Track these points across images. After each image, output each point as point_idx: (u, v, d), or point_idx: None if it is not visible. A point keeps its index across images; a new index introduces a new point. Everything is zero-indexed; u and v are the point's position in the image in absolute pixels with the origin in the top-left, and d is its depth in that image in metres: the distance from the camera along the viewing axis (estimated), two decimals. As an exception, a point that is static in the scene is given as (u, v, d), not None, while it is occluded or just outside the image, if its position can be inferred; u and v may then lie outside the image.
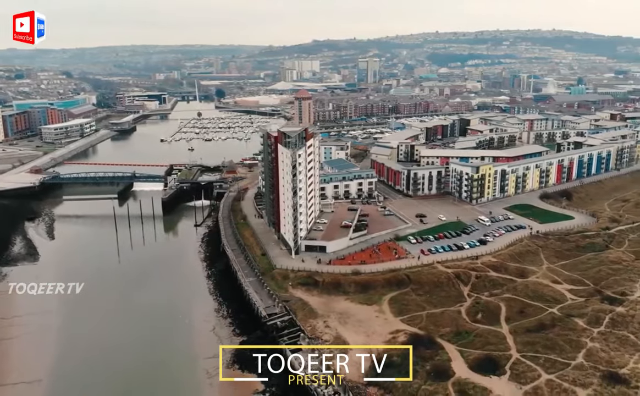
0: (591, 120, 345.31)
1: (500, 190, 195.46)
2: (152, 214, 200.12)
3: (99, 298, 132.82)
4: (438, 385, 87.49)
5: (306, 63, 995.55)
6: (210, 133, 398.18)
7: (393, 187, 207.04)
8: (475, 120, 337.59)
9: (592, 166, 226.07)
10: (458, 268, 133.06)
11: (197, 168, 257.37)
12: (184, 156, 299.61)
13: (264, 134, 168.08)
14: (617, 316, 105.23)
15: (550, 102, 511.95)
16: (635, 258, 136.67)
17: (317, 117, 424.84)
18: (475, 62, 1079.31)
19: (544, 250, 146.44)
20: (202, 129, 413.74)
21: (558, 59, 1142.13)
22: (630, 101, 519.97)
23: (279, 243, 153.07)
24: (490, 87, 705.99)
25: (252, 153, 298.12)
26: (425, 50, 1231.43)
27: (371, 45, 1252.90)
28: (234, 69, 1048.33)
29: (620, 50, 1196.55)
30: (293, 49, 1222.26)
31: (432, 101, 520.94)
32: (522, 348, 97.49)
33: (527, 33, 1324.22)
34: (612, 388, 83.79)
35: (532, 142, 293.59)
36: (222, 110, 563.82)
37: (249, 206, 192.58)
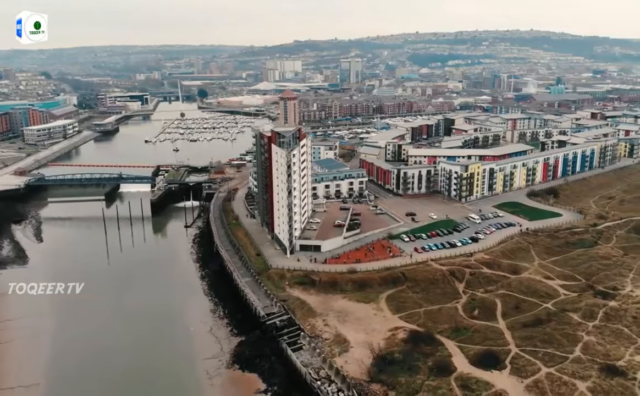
0: (573, 119, 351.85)
1: (489, 188, 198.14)
2: (140, 215, 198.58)
3: (93, 300, 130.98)
4: (441, 380, 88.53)
5: (288, 63, 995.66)
6: (195, 134, 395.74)
7: (383, 186, 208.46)
8: (459, 120, 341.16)
9: (577, 164, 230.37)
10: (452, 265, 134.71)
11: (184, 169, 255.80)
12: (169, 157, 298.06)
13: (256, 134, 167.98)
14: (610, 310, 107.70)
15: (531, 102, 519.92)
16: (624, 253, 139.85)
17: (303, 117, 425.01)
18: (455, 63, 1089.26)
19: (535, 247, 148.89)
20: (187, 130, 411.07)
21: (536, 59, 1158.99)
22: (609, 100, 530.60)
23: (273, 242, 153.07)
24: (471, 87, 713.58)
25: (239, 153, 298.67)
26: (406, 51, 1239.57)
27: (352, 45, 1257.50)
28: (216, 69, 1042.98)
29: (597, 50, 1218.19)
30: (274, 49, 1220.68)
31: (415, 101, 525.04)
32: (521, 342, 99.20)
33: (506, 33, 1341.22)
34: (610, 380, 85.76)
35: (516, 141, 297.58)
36: (205, 110, 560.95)
37: (240, 206, 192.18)
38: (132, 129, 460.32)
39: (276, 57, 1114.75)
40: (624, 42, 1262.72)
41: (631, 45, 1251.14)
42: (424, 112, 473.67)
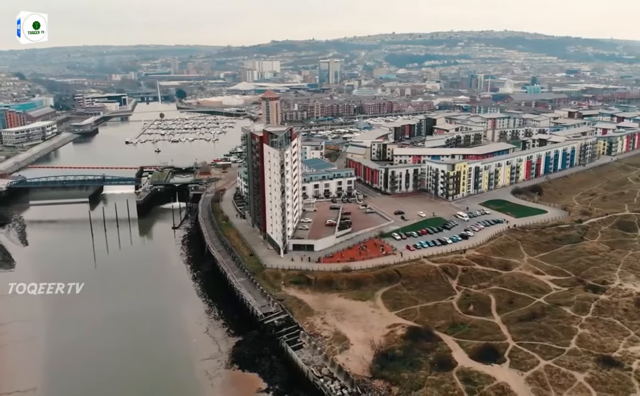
0: (551, 118, 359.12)
1: (475, 186, 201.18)
2: (126, 217, 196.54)
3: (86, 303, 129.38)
4: (443, 374, 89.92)
5: (266, 64, 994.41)
6: (176, 134, 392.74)
7: (370, 185, 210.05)
8: (441, 119, 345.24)
9: (558, 162, 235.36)
10: (444, 262, 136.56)
11: (168, 170, 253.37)
12: (151, 158, 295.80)
13: (246, 134, 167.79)
14: (601, 304, 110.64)
15: (508, 101, 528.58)
16: (610, 248, 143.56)
17: (285, 117, 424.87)
18: (432, 63, 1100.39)
19: (523, 243, 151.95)
20: (168, 131, 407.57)
21: (511, 59, 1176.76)
22: (584, 99, 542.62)
23: (265, 242, 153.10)
24: (449, 87, 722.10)
25: (223, 154, 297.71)
26: (383, 51, 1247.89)
27: (330, 46, 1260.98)
28: (193, 69, 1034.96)
29: (569, 50, 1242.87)
30: (252, 49, 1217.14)
31: (396, 101, 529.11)
32: (518, 336, 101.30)
33: (481, 34, 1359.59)
34: (607, 371, 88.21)
35: (497, 140, 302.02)
36: (184, 111, 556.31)
37: (229, 206, 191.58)
38: (111, 130, 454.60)
39: (254, 57, 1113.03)
40: (596, 43, 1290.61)
41: (602, 45, 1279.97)
42: (404, 112, 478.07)
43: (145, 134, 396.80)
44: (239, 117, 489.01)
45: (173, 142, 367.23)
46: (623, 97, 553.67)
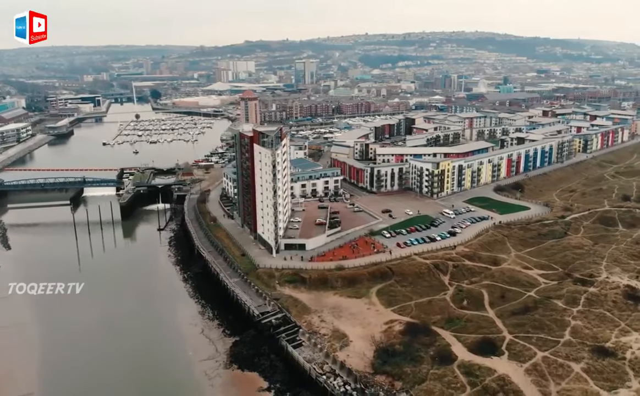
0: (526, 117, 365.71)
1: (458, 184, 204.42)
2: (110, 219, 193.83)
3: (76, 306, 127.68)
4: (445, 368, 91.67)
5: (241, 64, 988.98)
6: (153, 135, 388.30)
7: (356, 184, 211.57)
8: (419, 119, 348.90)
9: (537, 159, 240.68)
10: (435, 258, 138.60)
11: (149, 171, 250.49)
12: (129, 159, 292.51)
13: (235, 134, 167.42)
14: (591, 296, 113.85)
15: (483, 101, 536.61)
16: (594, 243, 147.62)
17: (263, 118, 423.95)
18: (405, 64, 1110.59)
19: (510, 239, 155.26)
20: (145, 131, 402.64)
21: (482, 59, 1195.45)
22: (556, 98, 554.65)
23: (256, 242, 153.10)
24: (423, 88, 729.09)
25: (204, 154, 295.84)
26: (357, 52, 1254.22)
27: (304, 46, 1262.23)
28: (166, 69, 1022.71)
29: (539, 50, 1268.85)
30: (225, 49, 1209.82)
31: (373, 101, 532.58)
32: (513, 329, 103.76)
33: (452, 35, 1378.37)
34: (602, 360, 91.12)
35: (475, 139, 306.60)
36: (160, 111, 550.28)
37: (216, 207, 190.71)
38: (86, 131, 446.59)
39: (227, 57, 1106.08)
40: (564, 43, 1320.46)
41: (570, 45, 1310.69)
42: (381, 112, 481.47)
43: (122, 135, 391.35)
44: (216, 118, 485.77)
45: (151, 143, 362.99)
46: (593, 96, 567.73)
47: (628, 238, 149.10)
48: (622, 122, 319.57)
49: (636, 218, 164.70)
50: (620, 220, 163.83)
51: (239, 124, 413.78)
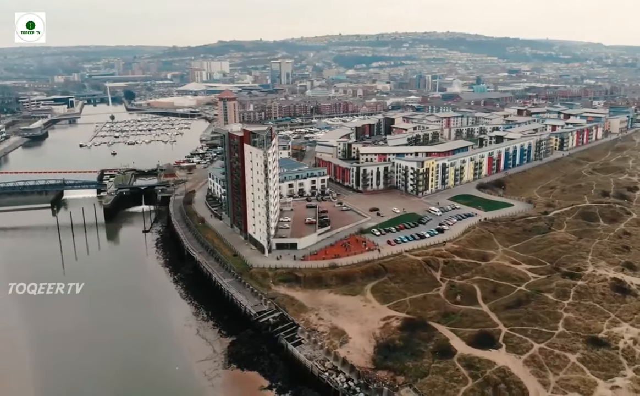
0: (502, 116, 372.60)
1: (442, 182, 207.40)
2: (92, 222, 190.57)
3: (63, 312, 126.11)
4: (446, 362, 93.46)
5: (215, 64, 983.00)
6: (131, 136, 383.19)
7: (341, 183, 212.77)
8: (399, 119, 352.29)
9: (517, 157, 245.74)
10: (426, 255, 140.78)
11: (131, 173, 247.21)
12: (107, 161, 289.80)
13: (223, 134, 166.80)
14: (580, 289, 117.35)
15: (458, 101, 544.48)
16: (578, 237, 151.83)
17: (242, 118, 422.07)
18: (379, 64, 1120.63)
19: (496, 235, 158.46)
20: (122, 133, 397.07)
21: (454, 59, 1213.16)
22: (528, 97, 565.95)
23: (247, 242, 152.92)
24: (398, 88, 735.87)
25: (184, 155, 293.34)
26: (331, 52, 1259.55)
27: (278, 46, 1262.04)
28: (138, 70, 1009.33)
29: (509, 51, 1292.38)
30: (199, 49, 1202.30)
31: (351, 101, 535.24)
32: (508, 322, 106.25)
33: (424, 35, 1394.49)
34: (596, 351, 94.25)
35: (454, 138, 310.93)
36: (134, 112, 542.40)
37: (202, 208, 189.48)
38: (61, 133, 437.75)
39: (201, 57, 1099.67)
40: (533, 43, 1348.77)
41: (539, 45, 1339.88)
42: (359, 112, 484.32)
43: (99, 136, 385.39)
44: (193, 118, 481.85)
45: (129, 144, 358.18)
46: (565, 95, 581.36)
47: (610, 233, 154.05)
48: (596, 121, 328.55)
49: (616, 213, 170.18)
50: (601, 215, 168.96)
51: (218, 124, 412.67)
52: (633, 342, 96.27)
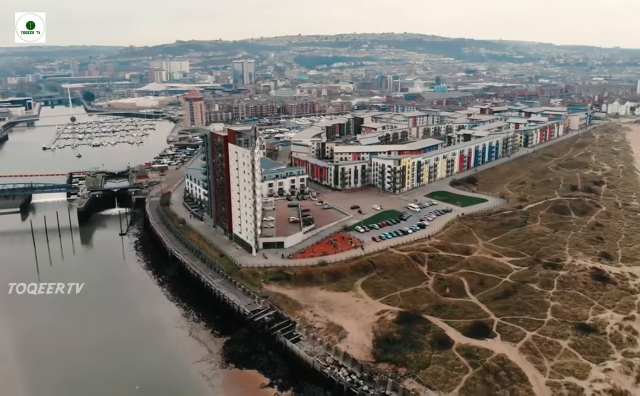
0: (465, 115, 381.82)
1: (417, 180, 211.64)
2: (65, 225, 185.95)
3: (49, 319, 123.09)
4: (446, 352, 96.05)
5: (175, 64, 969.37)
6: (95, 138, 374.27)
7: (320, 182, 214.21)
8: (367, 118, 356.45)
9: (486, 154, 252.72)
10: (411, 250, 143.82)
11: (101, 175, 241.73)
12: (73, 164, 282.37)
13: (205, 134, 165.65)
14: (563, 279, 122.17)
15: (420, 101, 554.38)
16: (554, 230, 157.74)
17: (209, 118, 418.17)
18: (340, 65, 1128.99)
19: (475, 229, 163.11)
20: (85, 135, 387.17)
21: (412, 60, 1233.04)
22: (487, 96, 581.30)
23: (232, 243, 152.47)
24: (361, 88, 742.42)
25: (154, 157, 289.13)
26: (292, 53, 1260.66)
27: (238, 46, 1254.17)
28: (95, 70, 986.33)
29: (465, 51, 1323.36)
30: (157, 49, 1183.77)
31: (317, 101, 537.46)
32: (499, 313, 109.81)
33: (383, 36, 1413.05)
34: (586, 336, 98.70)
35: (421, 136, 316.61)
36: (94, 114, 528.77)
37: (181, 209, 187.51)
38: (20, 136, 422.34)
39: (159, 57, 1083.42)
40: (488, 44, 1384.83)
41: (494, 46, 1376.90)
42: (325, 112, 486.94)
43: (61, 138, 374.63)
44: (157, 119, 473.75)
45: (94, 146, 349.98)
46: (522, 94, 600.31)
47: (583, 225, 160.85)
48: (557, 118, 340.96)
49: (586, 206, 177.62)
50: (572, 208, 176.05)
51: (184, 125, 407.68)
52: (619, 327, 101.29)
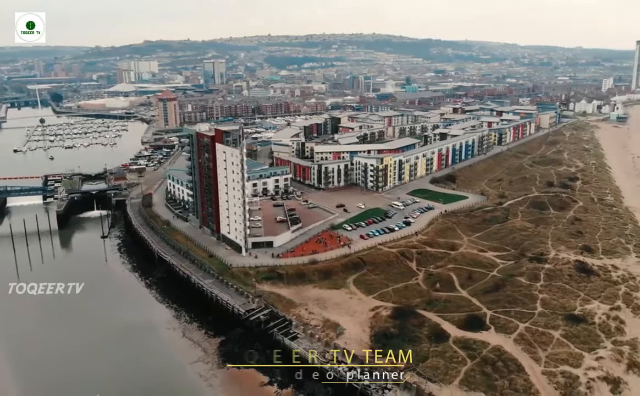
0: (438, 114, 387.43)
1: (399, 178, 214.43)
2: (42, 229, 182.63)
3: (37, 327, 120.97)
4: (444, 345, 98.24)
5: (143, 64, 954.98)
6: (67, 140, 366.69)
7: (302, 182, 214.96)
8: (344, 118, 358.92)
9: (462, 153, 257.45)
10: (399, 247, 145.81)
11: (77, 177, 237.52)
12: (47, 166, 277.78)
13: (191, 134, 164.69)
14: (549, 272, 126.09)
15: (393, 101, 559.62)
16: (535, 225, 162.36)
17: (183, 118, 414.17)
18: (310, 65, 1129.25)
19: (459, 226, 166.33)
20: (57, 136, 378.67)
21: (382, 60, 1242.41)
22: (458, 96, 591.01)
23: (220, 243, 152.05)
24: (333, 88, 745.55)
25: (129, 158, 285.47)
26: (262, 53, 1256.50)
27: (207, 46, 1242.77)
28: (61, 71, 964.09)
29: (432, 51, 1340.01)
30: (124, 49, 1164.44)
31: (292, 101, 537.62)
32: (491, 305, 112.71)
33: (352, 37, 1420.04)
34: (576, 326, 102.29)
35: (398, 136, 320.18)
36: (63, 115, 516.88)
37: (164, 210, 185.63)
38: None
39: (126, 57, 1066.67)
40: (455, 44, 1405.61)
41: (460, 46, 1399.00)
42: (300, 112, 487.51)
43: (32, 141, 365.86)
44: (129, 120, 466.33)
45: (67, 148, 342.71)
46: (491, 93, 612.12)
47: (563, 219, 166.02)
48: (528, 117, 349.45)
49: (564, 201, 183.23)
50: (550, 204, 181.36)
51: (158, 125, 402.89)
52: (607, 317, 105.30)
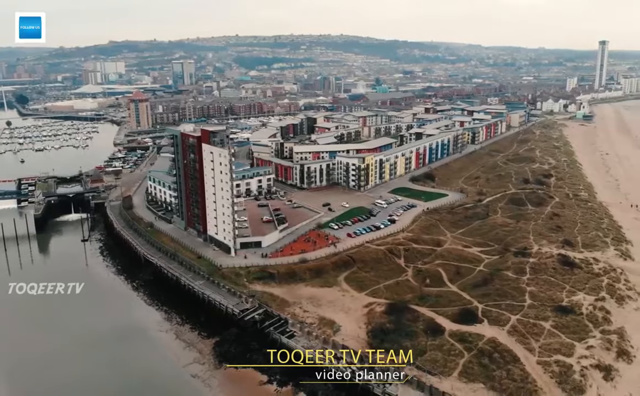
0: (411, 114, 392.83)
1: (380, 177, 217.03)
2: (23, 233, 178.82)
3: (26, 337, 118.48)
4: (441, 338, 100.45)
5: (109, 65, 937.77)
6: (37, 142, 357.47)
7: (284, 182, 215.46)
8: (320, 118, 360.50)
9: (438, 152, 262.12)
10: (387, 244, 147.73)
11: (52, 180, 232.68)
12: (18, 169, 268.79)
13: (175, 135, 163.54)
14: (534, 265, 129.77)
15: (365, 101, 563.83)
16: (516, 221, 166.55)
17: (155, 120, 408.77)
18: (280, 66, 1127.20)
19: (442, 223, 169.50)
20: (25, 139, 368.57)
21: (350, 61, 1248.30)
22: (428, 96, 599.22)
23: (207, 244, 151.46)
24: (305, 89, 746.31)
25: (104, 160, 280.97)
26: (230, 53, 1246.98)
27: (174, 47, 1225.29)
28: (24, 73, 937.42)
29: (399, 52, 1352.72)
30: (89, 50, 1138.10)
31: (264, 101, 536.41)
32: (482, 299, 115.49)
33: (320, 38, 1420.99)
34: (566, 317, 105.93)
35: (373, 136, 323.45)
36: (29, 117, 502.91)
37: (146, 212, 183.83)
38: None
39: (92, 58, 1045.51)
40: (421, 45, 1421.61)
41: (427, 47, 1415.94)
42: (273, 112, 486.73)
43: (0, 144, 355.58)
44: (99, 122, 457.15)
45: (37, 151, 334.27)
46: (460, 93, 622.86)
47: (542, 215, 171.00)
48: (499, 116, 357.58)
49: (541, 197, 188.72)
50: (528, 200, 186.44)
51: (129, 127, 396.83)
52: (593, 308, 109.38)
